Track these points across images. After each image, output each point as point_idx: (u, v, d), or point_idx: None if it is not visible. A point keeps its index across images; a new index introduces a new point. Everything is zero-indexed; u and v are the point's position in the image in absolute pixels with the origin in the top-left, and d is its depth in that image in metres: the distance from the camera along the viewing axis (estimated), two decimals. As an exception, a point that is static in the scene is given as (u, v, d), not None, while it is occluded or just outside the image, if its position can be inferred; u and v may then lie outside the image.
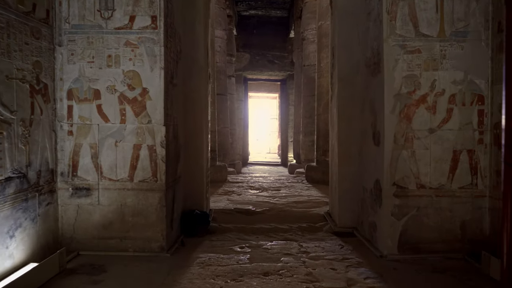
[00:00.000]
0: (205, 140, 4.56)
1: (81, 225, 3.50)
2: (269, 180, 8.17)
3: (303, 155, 10.60)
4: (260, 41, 16.12)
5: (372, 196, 3.79)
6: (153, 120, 3.46)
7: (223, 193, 6.48)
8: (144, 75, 3.45)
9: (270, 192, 6.59)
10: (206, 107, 4.60)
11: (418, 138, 3.46)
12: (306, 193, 6.49)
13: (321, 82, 7.83)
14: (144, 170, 3.47)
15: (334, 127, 4.62)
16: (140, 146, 3.47)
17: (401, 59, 3.46)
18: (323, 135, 7.77)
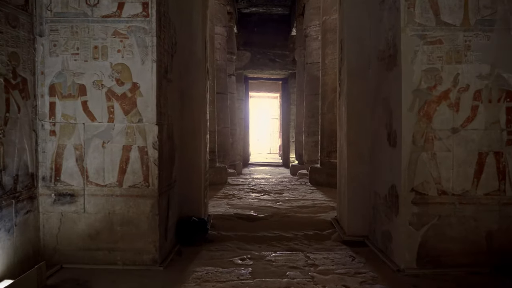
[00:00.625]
0: (203, 140, 4.21)
1: (65, 235, 3.15)
2: (271, 182, 7.82)
3: (306, 156, 10.25)
4: (261, 39, 15.78)
5: (387, 202, 3.44)
6: (145, 118, 3.11)
7: (223, 197, 6.14)
8: (134, 69, 3.10)
9: (272, 196, 6.25)
10: (204, 105, 4.25)
11: (439, 139, 3.11)
12: (311, 197, 6.14)
13: (326, 80, 7.48)
14: (135, 174, 3.13)
15: (342, 126, 4.27)
16: (130, 148, 3.12)
17: (420, 50, 3.11)
18: (328, 135, 7.42)
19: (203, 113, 4.22)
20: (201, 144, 4.09)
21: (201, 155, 4.09)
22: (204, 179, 4.27)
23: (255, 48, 15.75)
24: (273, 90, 20.94)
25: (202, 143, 4.15)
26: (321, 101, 7.67)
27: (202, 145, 4.12)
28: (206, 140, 4.43)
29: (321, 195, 6.33)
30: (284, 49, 15.85)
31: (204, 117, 4.29)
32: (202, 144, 4.15)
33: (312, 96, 10.12)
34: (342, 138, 4.26)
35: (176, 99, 3.85)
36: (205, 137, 4.36)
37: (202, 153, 4.11)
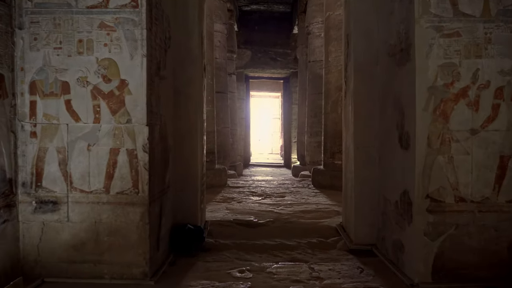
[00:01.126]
0: (200, 142, 3.94)
1: (47, 246, 2.88)
2: (273, 185, 7.55)
3: (308, 157, 9.97)
4: (262, 37, 15.50)
5: (398, 210, 3.16)
6: (134, 118, 2.84)
7: (222, 200, 5.87)
8: (122, 64, 2.83)
9: (273, 199, 5.97)
10: (201, 104, 3.98)
11: (456, 141, 2.83)
12: (314, 200, 5.87)
13: (329, 78, 7.20)
14: (123, 179, 2.86)
15: (349, 127, 3.99)
16: (118, 151, 2.85)
17: (436, 44, 2.83)
18: (332, 135, 7.14)
19: (200, 112, 3.95)
20: (198, 146, 3.82)
21: (198, 157, 3.82)
22: (201, 183, 4.01)
23: (256, 46, 15.48)
24: (274, 90, 20.69)
25: (199, 144, 3.88)
26: (324, 100, 7.40)
27: (198, 147, 3.85)
28: (203, 142, 4.16)
29: (324, 198, 6.06)
30: (286, 47, 15.57)
31: (201, 117, 4.02)
32: (199, 146, 3.88)
33: (314, 95, 9.84)
34: (349, 139, 3.99)
35: (170, 98, 3.58)
36: (202, 138, 4.10)
37: (198, 156, 3.84)
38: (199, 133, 3.89)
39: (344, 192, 4.31)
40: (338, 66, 7.04)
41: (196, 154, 3.79)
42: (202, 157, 4.10)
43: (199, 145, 3.85)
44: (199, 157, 3.85)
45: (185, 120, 3.74)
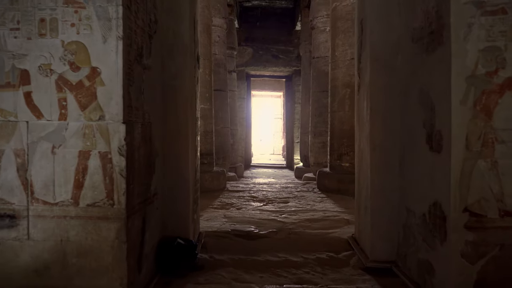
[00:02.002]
0: (192, 143, 3.43)
1: (3, 270, 2.38)
2: (275, 188, 7.03)
3: (313, 158, 9.47)
4: (264, 34, 15.01)
5: (427, 224, 2.65)
6: (108, 115, 2.33)
7: (220, 207, 5.36)
8: (93, 49, 2.32)
9: (276, 205, 5.46)
10: (193, 100, 3.47)
11: (502, 142, 2.32)
12: (321, 207, 5.35)
13: (336, 74, 6.68)
14: (95, 189, 2.35)
15: (363, 126, 3.47)
16: (89, 154, 2.34)
17: (476, 23, 2.31)
18: (338, 136, 6.63)
19: (192, 110, 3.44)
20: (189, 148, 3.31)
21: (189, 161, 3.31)
22: (194, 191, 3.50)
23: (258, 43, 14.99)
24: (276, 89, 20.22)
25: (191, 146, 3.37)
26: (331, 98, 6.88)
27: (190, 149, 3.34)
28: (196, 143, 3.65)
29: (332, 204, 5.54)
30: (288, 44, 15.07)
31: (193, 114, 3.51)
32: (191, 148, 3.37)
33: (319, 93, 9.35)
34: (363, 140, 3.47)
35: (157, 93, 3.08)
36: (195, 139, 3.58)
37: (190, 159, 3.33)
38: (191, 134, 3.38)
39: (357, 199, 3.79)
40: (346, 60, 6.53)
41: (187, 158, 3.27)
42: (195, 160, 3.59)
43: (191, 147, 3.34)
44: (190, 161, 3.33)
45: (173, 118, 3.22)
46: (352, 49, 6.48)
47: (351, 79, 6.46)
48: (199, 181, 3.81)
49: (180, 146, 3.25)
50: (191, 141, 3.36)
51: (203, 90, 6.60)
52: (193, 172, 3.46)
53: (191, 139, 3.39)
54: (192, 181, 3.40)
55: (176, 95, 3.24)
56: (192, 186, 3.40)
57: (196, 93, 3.62)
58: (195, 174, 3.58)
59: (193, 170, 3.47)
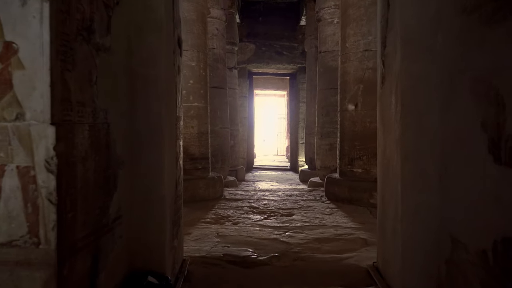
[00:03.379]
0: (170, 149, 2.68)
1: None
2: (278, 197, 6.28)
3: (319, 161, 8.71)
4: (267, 29, 14.26)
5: (490, 268, 1.89)
6: (29, 112, 1.59)
7: (213, 221, 4.61)
8: (6, 15, 1.59)
9: (279, 219, 4.71)
10: (171, 94, 2.72)
11: None
12: (331, 221, 4.59)
13: (347, 68, 5.92)
14: (12, 220, 1.61)
15: (391, 127, 2.71)
16: (2, 170, 1.61)
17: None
18: (350, 138, 5.86)
19: (170, 107, 2.70)
20: (165, 155, 2.55)
21: (165, 172, 2.55)
22: (173, 210, 2.75)
23: (260, 39, 14.24)
24: (279, 88, 19.49)
25: (168, 153, 2.61)
26: (340, 95, 6.11)
27: (167, 157, 2.59)
28: (177, 149, 2.90)
29: (344, 218, 4.78)
30: (292, 40, 14.32)
31: (172, 113, 2.76)
32: (168, 155, 2.61)
33: (326, 91, 8.59)
34: (391, 145, 2.71)
35: (121, 83, 2.33)
36: (175, 143, 2.83)
37: (167, 169, 2.58)
38: (169, 137, 2.63)
39: (380, 219, 3.03)
40: (358, 52, 5.76)
41: (162, 168, 2.52)
42: (175, 171, 2.83)
43: (168, 154, 2.59)
44: (167, 172, 2.58)
45: (144, 117, 2.48)
46: (365, 40, 5.72)
47: (364, 73, 5.69)
48: (181, 197, 3.06)
49: (153, 153, 2.50)
50: (168, 147, 2.61)
51: (197, 86, 5.86)
52: (172, 186, 2.72)
53: (169, 144, 2.64)
54: (170, 198, 2.66)
55: (148, 88, 2.50)
56: (169, 204, 2.65)
57: (176, 86, 2.87)
58: (175, 188, 2.83)
59: (172, 184, 2.72)
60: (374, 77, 5.73)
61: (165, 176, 2.54)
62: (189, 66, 5.82)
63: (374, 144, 5.83)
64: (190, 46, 5.82)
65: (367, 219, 4.70)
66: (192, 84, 5.82)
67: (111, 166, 2.18)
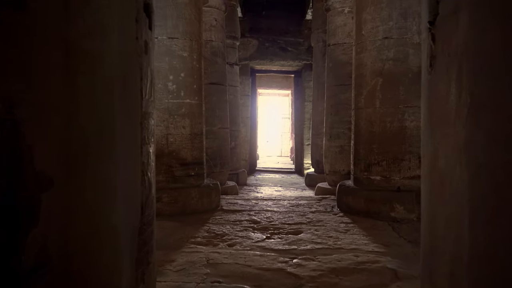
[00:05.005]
0: (129, 158, 1.87)
1: None
2: (282, 207, 5.47)
3: (328, 165, 7.90)
4: (270, 24, 13.48)
5: None
6: None
7: (205, 241, 3.81)
8: None
9: (285, 239, 3.90)
10: (130, 79, 1.91)
11: None
12: (348, 242, 3.78)
13: (363, 58, 5.10)
14: None
15: (448, 127, 1.88)
16: None
17: None
18: (367, 139, 5.05)
19: (131, 97, 1.89)
20: (120, 168, 1.75)
21: (117, 191, 1.75)
22: (136, 245, 1.93)
23: (263, 35, 13.45)
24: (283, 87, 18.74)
25: (124, 165, 1.80)
26: (355, 90, 5.30)
27: (123, 170, 1.78)
28: (145, 158, 2.08)
29: (363, 237, 3.96)
30: (298, 35, 13.52)
31: (134, 107, 1.95)
32: (124, 168, 1.80)
33: (335, 88, 7.78)
34: (449, 154, 1.88)
35: (50, 59, 1.54)
36: (141, 150, 2.02)
37: (120, 188, 1.77)
38: (125, 141, 1.83)
39: (427, 258, 2.20)
40: (376, 41, 4.95)
41: (112, 185, 1.72)
42: (139, 188, 2.02)
43: (122, 166, 1.78)
44: (121, 191, 1.77)
45: (87, 112, 1.67)
46: (385, 26, 4.91)
47: (383, 65, 4.87)
48: (151, 223, 2.25)
49: (99, 165, 1.69)
50: (125, 155, 1.81)
51: (189, 80, 5.07)
52: (133, 210, 1.91)
53: (127, 151, 1.84)
54: (128, 228, 1.85)
55: (95, 69, 1.69)
56: (128, 237, 1.85)
57: (142, 69, 2.06)
58: (141, 213, 2.02)
59: (133, 208, 1.92)
60: (395, 69, 4.91)
61: (118, 197, 1.74)
62: (180, 57, 5.02)
63: (396, 148, 5.03)
64: (181, 34, 5.03)
65: (391, 239, 3.88)
66: (183, 78, 5.03)
67: (25, 188, 1.38)
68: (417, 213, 4.71)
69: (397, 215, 4.68)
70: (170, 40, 4.99)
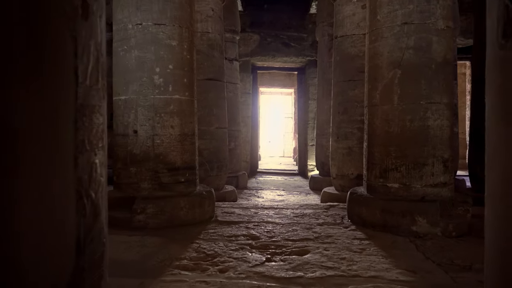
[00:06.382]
0: (51, 175, 1.22)
1: None
2: (286, 218, 4.80)
3: (335, 167, 7.23)
4: (272, 18, 12.81)
5: None
6: None
7: (192, 264, 3.16)
8: None
9: (288, 261, 3.23)
10: (55, 52, 1.25)
11: None
12: (364, 265, 3.12)
13: (378, 47, 4.43)
14: None
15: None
16: None
17: None
18: (382, 141, 4.38)
19: (56, 82, 1.23)
20: (27, 195, 1.10)
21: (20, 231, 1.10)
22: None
23: (265, 29, 12.79)
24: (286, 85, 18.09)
25: (36, 187, 1.16)
26: (369, 84, 4.62)
27: (33, 194, 1.13)
28: (85, 172, 1.42)
29: (382, 258, 3.29)
30: (301, 30, 12.85)
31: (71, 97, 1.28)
32: (50, 191, 1.15)
33: (344, 84, 7.11)
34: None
35: None
36: (77, 162, 1.35)
37: (25, 224, 1.12)
38: (40, 148, 1.17)
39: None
40: (394, 27, 4.28)
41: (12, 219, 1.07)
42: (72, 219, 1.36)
43: (30, 187, 1.13)
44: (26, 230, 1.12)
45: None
46: (404, 9, 4.24)
47: (402, 54, 4.21)
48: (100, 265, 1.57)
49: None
50: (43, 170, 1.15)
51: (178, 73, 4.42)
52: (58, 256, 1.25)
53: (47, 164, 1.18)
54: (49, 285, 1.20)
55: None
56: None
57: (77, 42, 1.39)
58: (76, 256, 1.36)
59: (59, 251, 1.26)
60: (416, 60, 4.23)
61: (23, 237, 1.08)
62: (168, 46, 4.37)
63: (417, 151, 4.33)
64: (169, 20, 4.37)
65: (417, 261, 3.21)
66: (172, 70, 4.37)
67: None
68: (442, 227, 4.04)
69: (419, 229, 4.02)
70: (157, 27, 4.34)
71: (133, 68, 4.37)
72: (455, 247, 3.64)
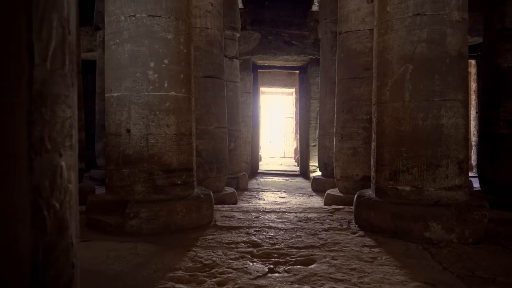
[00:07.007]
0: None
1: None
2: (289, 222, 4.52)
3: (339, 169, 6.94)
4: (274, 16, 12.54)
5: None
6: None
7: (187, 276, 2.86)
8: None
9: (292, 273, 2.92)
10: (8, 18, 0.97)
11: None
12: (377, 277, 2.82)
13: (388, 41, 4.15)
14: None
15: None
16: None
17: None
18: (392, 141, 4.10)
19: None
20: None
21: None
22: None
23: (266, 27, 12.52)
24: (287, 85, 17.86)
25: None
26: (378, 80, 4.34)
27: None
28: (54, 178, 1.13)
29: (396, 269, 3.00)
30: (303, 28, 12.57)
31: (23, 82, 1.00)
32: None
33: (348, 81, 6.82)
34: None
35: None
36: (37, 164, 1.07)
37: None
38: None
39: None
40: (406, 18, 3.99)
41: None
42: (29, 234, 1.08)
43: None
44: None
45: None
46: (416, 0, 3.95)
47: (414, 48, 3.93)
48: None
49: None
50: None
51: (174, 69, 4.14)
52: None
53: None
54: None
55: None
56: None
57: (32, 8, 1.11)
58: (30, 282, 1.07)
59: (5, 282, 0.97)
60: (429, 54, 3.93)
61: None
62: (163, 39, 4.09)
63: (430, 151, 4.01)
64: (164, 11, 4.09)
65: (434, 272, 2.93)
66: (167, 65, 4.09)
67: None
68: (458, 233, 3.75)
69: (433, 236, 3.74)
70: (151, 19, 4.06)
71: (126, 63, 4.09)
72: (474, 255, 3.35)
